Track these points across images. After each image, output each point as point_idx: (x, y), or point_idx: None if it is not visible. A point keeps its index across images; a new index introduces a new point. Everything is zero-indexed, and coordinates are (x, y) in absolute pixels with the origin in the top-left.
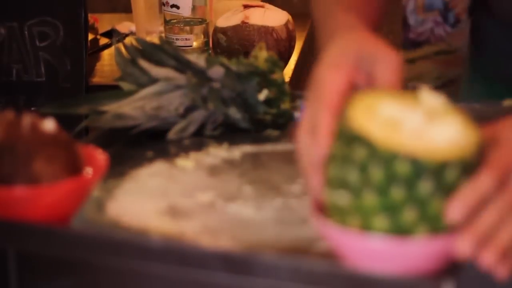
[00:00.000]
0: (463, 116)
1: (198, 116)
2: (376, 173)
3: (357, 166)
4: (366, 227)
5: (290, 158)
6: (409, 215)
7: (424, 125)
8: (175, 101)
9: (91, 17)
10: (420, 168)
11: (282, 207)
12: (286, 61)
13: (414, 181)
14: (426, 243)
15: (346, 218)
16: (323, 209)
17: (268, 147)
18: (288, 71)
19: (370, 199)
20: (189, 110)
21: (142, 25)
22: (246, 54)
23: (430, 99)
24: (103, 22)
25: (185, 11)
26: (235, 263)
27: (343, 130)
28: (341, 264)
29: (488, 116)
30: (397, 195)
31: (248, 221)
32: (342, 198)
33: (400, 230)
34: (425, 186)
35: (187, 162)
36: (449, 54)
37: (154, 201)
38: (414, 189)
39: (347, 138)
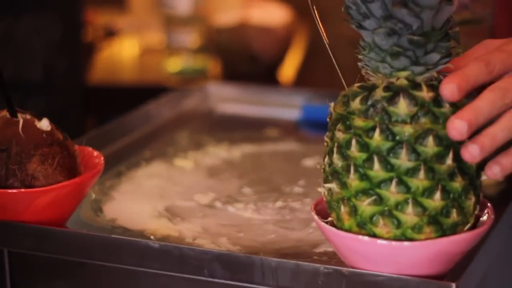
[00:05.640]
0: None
1: None
2: (354, 150)
3: (339, 146)
4: (354, 213)
5: (290, 158)
6: (392, 192)
7: None
8: None
9: (89, 14)
10: (395, 138)
11: (283, 209)
12: (284, 59)
13: (391, 151)
14: (422, 245)
15: (338, 210)
16: (325, 210)
17: (268, 147)
18: (292, 70)
19: (353, 180)
20: None
21: (140, 21)
22: (251, 57)
23: None
24: (101, 18)
25: (184, 9)
26: (234, 266)
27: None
28: (342, 266)
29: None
30: (376, 170)
31: (248, 223)
32: (332, 187)
33: (390, 213)
34: (401, 156)
35: (185, 162)
36: (473, 24)
37: (152, 202)
38: (391, 160)
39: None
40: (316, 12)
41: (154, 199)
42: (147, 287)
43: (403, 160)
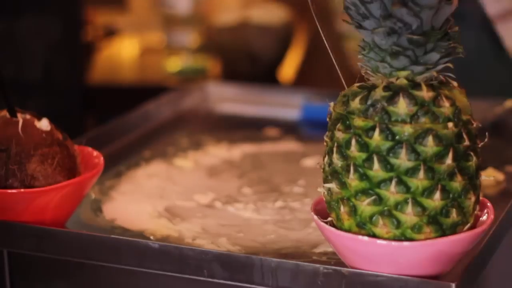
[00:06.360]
0: None
1: None
2: (354, 150)
3: (338, 146)
4: (354, 212)
5: (290, 158)
6: (391, 192)
7: None
8: None
9: (88, 14)
10: (395, 138)
11: (282, 208)
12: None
13: (390, 151)
14: (422, 245)
15: (338, 210)
16: (324, 210)
17: (268, 147)
18: (292, 69)
19: (352, 180)
20: None
21: (140, 21)
22: (251, 57)
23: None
24: (100, 18)
25: (184, 8)
26: (233, 266)
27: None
28: (342, 266)
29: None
30: (376, 170)
31: (248, 223)
32: (332, 187)
33: (389, 213)
34: (401, 156)
35: (185, 162)
36: None
37: (152, 202)
38: (391, 160)
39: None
40: (315, 11)
41: (154, 199)
42: (146, 287)
43: (403, 160)
